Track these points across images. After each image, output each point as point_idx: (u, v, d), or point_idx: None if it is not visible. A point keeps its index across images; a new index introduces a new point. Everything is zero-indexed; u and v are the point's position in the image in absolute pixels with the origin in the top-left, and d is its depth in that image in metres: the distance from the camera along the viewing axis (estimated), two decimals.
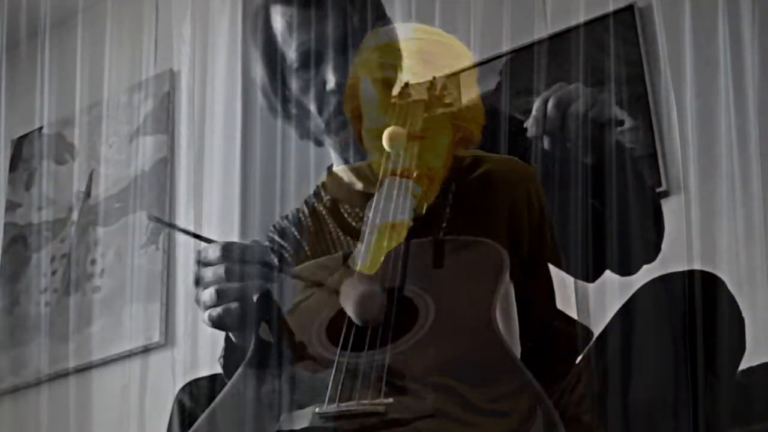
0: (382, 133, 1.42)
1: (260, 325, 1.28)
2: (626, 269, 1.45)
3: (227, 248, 1.28)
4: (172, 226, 1.37)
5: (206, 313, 1.28)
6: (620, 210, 1.37)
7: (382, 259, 1.30)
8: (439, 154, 1.42)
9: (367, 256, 1.28)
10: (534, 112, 1.35)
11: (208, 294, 1.27)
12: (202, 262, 1.29)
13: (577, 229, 1.38)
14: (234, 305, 1.26)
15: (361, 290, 1.20)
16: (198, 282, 1.29)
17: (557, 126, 1.34)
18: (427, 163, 1.40)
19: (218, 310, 1.27)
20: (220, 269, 1.26)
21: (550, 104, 1.33)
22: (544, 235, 1.47)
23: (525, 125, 1.38)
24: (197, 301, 1.29)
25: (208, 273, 1.27)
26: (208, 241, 1.31)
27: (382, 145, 1.42)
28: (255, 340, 1.26)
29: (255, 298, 1.28)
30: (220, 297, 1.26)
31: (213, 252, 1.28)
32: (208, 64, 3.37)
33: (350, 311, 1.20)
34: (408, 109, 1.44)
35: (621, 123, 1.36)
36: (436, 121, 1.43)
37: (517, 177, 1.51)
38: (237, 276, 1.26)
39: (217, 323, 1.28)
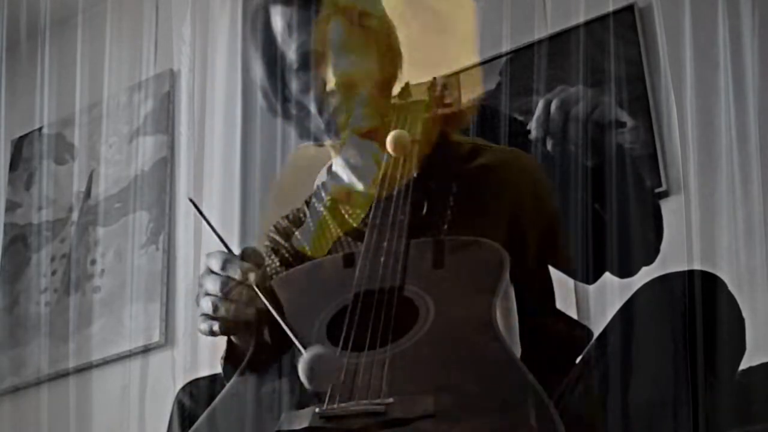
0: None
1: (263, 330, 1.27)
2: (625, 271, 1.45)
3: (228, 261, 1.27)
4: (205, 219, 1.34)
5: (202, 322, 1.28)
6: (620, 212, 1.37)
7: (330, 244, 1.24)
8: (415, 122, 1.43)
9: (311, 239, 1.25)
10: (537, 114, 1.35)
11: (206, 303, 1.26)
12: (207, 268, 1.28)
13: (577, 231, 1.38)
14: (229, 322, 1.26)
15: (308, 355, 1.11)
16: (200, 286, 1.29)
17: (560, 128, 1.33)
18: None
19: (214, 323, 1.26)
20: (217, 282, 1.26)
21: (553, 106, 1.33)
22: (556, 237, 1.43)
23: (528, 127, 1.37)
24: (198, 305, 1.29)
25: (209, 282, 1.27)
26: (227, 247, 1.29)
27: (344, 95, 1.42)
28: (255, 341, 1.27)
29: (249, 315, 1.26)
30: (216, 311, 1.26)
31: (216, 262, 1.27)
32: (208, 64, 3.37)
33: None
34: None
35: (623, 125, 1.35)
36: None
37: (519, 174, 1.47)
38: (233, 293, 1.25)
39: (208, 334, 1.28)
